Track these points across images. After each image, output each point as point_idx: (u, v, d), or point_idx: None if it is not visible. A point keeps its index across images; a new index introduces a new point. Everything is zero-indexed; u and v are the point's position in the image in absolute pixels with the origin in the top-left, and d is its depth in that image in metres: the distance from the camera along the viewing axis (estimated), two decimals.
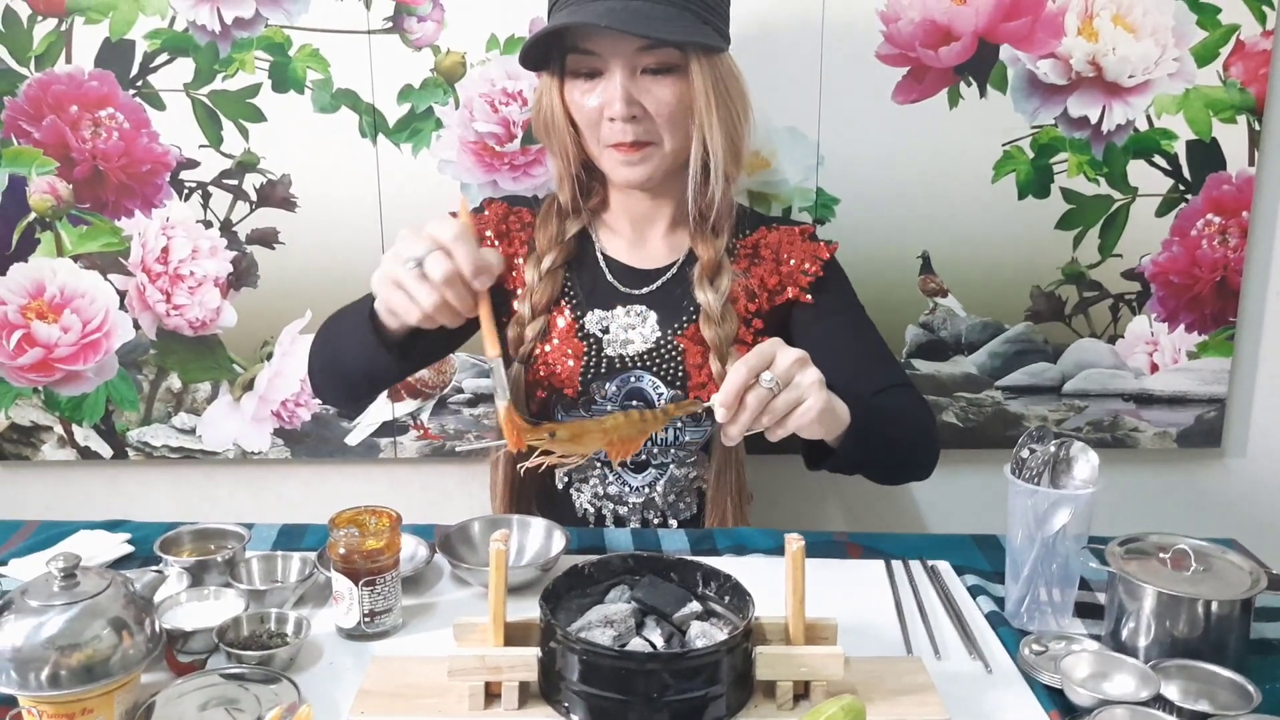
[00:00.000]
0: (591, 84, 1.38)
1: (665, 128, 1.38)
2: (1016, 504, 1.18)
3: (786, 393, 1.10)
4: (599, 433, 1.09)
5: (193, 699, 1.02)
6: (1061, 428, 1.95)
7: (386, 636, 1.14)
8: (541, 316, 1.46)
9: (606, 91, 1.36)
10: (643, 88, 1.36)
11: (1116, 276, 1.89)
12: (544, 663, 0.98)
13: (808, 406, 1.11)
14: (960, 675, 1.09)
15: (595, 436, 1.09)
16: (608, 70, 1.36)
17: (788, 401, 1.10)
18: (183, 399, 1.93)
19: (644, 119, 1.37)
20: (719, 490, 1.48)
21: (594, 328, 1.47)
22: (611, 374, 1.46)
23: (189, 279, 1.86)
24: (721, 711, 0.96)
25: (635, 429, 1.11)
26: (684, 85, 1.37)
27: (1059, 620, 1.20)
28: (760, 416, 1.09)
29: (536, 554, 1.29)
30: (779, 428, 1.12)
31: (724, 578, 1.06)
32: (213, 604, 1.14)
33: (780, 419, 1.11)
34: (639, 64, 1.35)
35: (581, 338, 1.46)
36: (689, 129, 1.40)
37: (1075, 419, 1.95)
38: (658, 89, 1.36)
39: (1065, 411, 1.95)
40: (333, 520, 1.14)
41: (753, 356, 1.08)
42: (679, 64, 1.36)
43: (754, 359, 1.08)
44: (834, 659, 0.98)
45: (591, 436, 1.09)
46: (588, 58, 1.37)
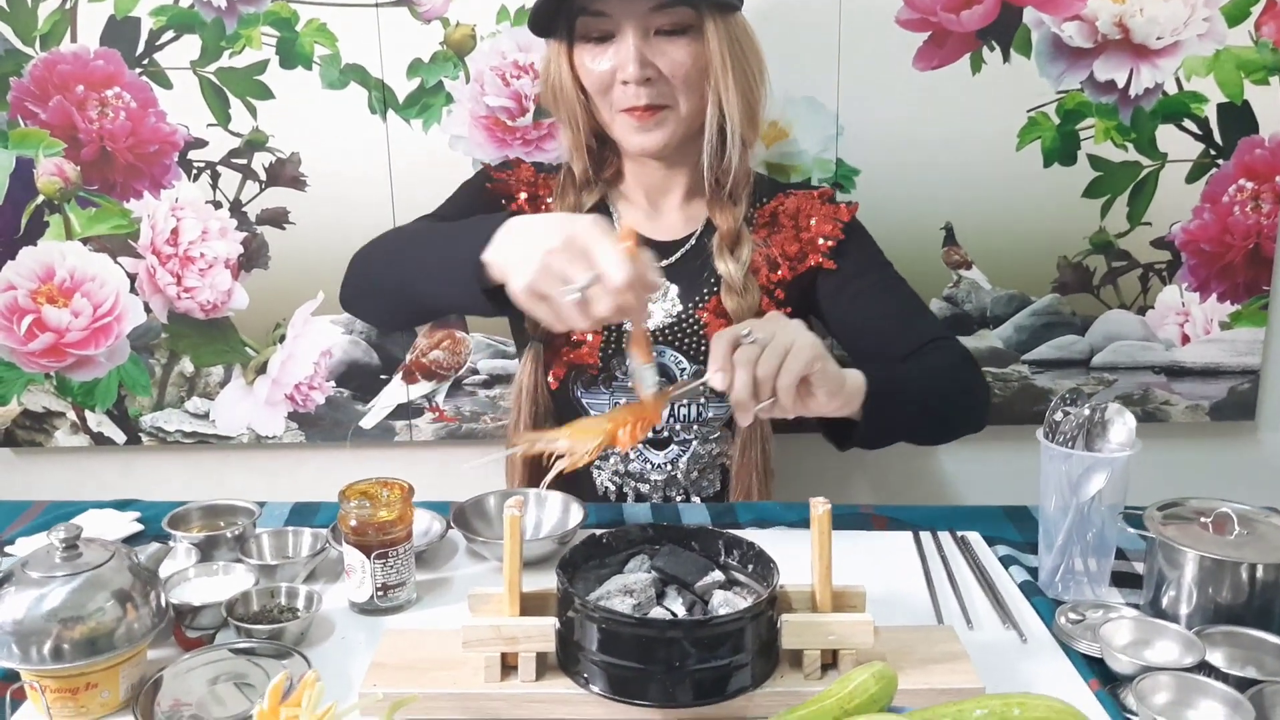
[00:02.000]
0: (602, 47, 1.34)
1: (680, 90, 1.34)
2: (1050, 469, 1.14)
3: (774, 343, 1.05)
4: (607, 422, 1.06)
5: (201, 674, 0.99)
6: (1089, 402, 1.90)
7: (400, 611, 1.11)
8: None
9: (619, 54, 1.32)
10: (657, 49, 1.32)
11: (1146, 245, 1.84)
12: (562, 633, 0.94)
13: (798, 348, 1.05)
14: (994, 645, 1.05)
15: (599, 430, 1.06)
16: (619, 32, 1.32)
17: (777, 350, 1.05)
18: (195, 383, 1.90)
19: (658, 81, 1.33)
20: (743, 466, 1.45)
21: None
22: None
23: (199, 261, 1.83)
24: (746, 681, 0.92)
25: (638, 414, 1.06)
26: (698, 46, 1.33)
27: (1095, 589, 1.15)
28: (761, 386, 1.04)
29: (554, 527, 1.26)
30: (798, 405, 1.07)
31: (747, 546, 1.03)
32: (222, 579, 1.11)
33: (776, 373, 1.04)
34: (652, 24, 1.32)
35: None
36: (704, 92, 1.36)
37: (1105, 393, 1.90)
38: (672, 50, 1.32)
39: (1094, 385, 1.90)
40: (343, 492, 1.10)
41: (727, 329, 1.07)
42: (693, 24, 1.32)
43: (728, 330, 1.07)
44: (863, 626, 0.94)
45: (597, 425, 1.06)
46: (598, 20, 1.33)
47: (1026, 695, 0.84)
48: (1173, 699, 0.92)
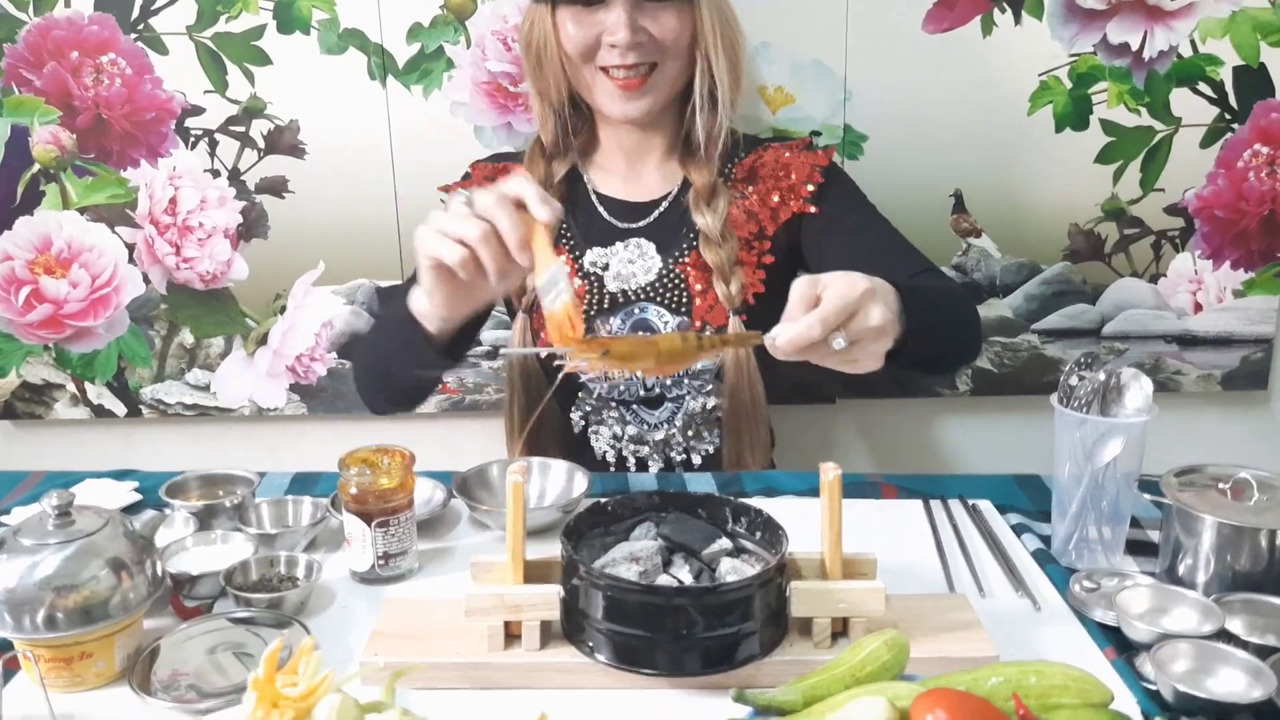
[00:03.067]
0: (589, 11, 1.33)
1: (670, 56, 1.35)
2: (1064, 435, 1.12)
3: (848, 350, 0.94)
4: (652, 355, 0.95)
5: (199, 643, 0.97)
6: None
7: (401, 580, 1.09)
8: None
9: (610, 19, 1.31)
10: (648, 14, 1.32)
11: (1158, 212, 1.81)
12: (566, 601, 0.92)
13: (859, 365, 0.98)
14: (1007, 613, 1.03)
15: (648, 358, 0.95)
16: None
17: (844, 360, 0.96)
18: (196, 355, 1.88)
19: (647, 46, 1.32)
20: (734, 418, 1.42)
21: (594, 266, 1.43)
22: (615, 308, 1.42)
23: (198, 230, 1.81)
24: (755, 650, 0.90)
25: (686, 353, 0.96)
26: (687, 12, 1.33)
27: (1109, 558, 1.13)
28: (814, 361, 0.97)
29: (558, 496, 1.24)
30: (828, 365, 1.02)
31: (755, 513, 1.00)
32: (220, 548, 1.10)
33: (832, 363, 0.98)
34: None
35: (582, 277, 1.42)
36: (689, 58, 1.37)
37: (1116, 362, 1.87)
38: (663, 16, 1.33)
39: (1105, 355, 1.87)
40: (344, 460, 1.08)
41: (834, 310, 0.92)
42: None
43: (834, 315, 0.91)
44: (874, 594, 0.92)
45: (644, 357, 0.95)
46: None
47: (1042, 663, 0.82)
48: (1192, 667, 0.90)
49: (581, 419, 1.47)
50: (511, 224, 0.97)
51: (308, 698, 0.69)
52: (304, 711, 0.69)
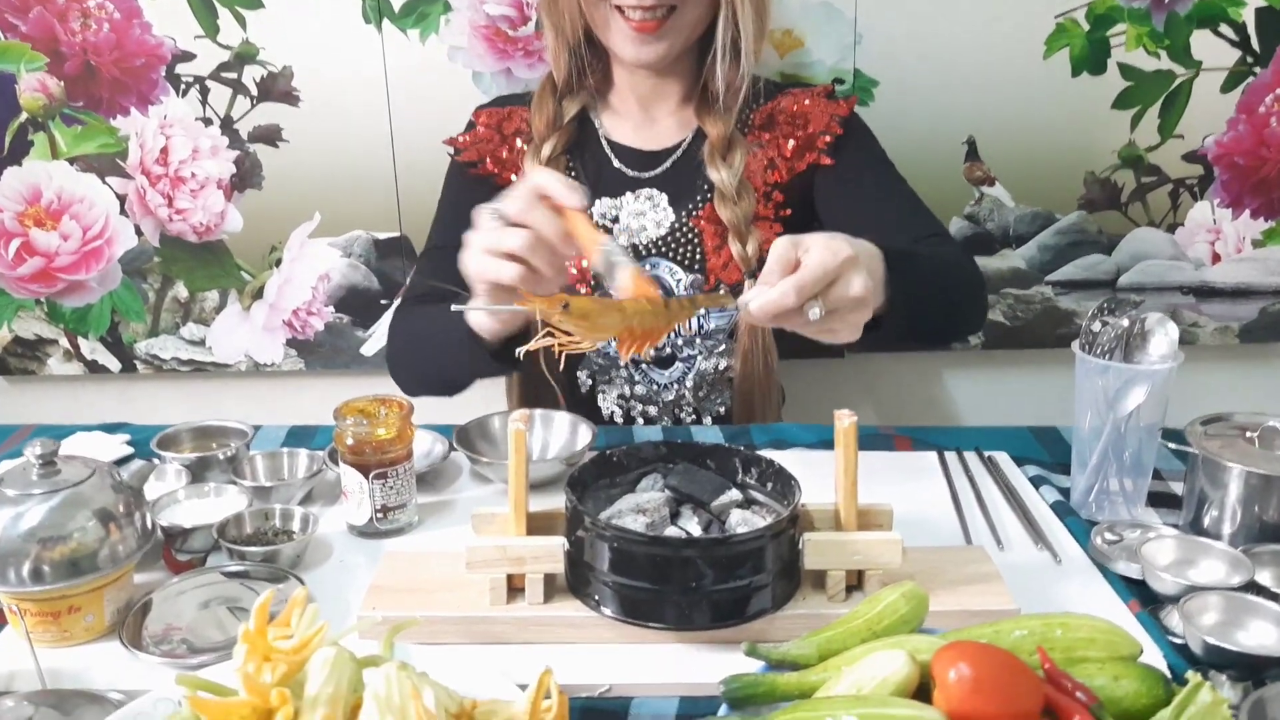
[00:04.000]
0: None
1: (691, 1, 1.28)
2: (1085, 384, 1.08)
3: (826, 319, 0.90)
4: (617, 313, 0.92)
5: (192, 597, 0.94)
6: None
7: (401, 534, 1.06)
8: None
9: None
10: None
11: (1177, 160, 1.76)
12: (571, 553, 0.89)
13: (837, 336, 0.95)
14: (1027, 566, 1.00)
15: (613, 317, 0.92)
16: None
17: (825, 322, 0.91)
18: (190, 309, 1.84)
19: None
20: (746, 380, 1.39)
21: (603, 218, 1.38)
22: None
23: (191, 181, 1.76)
24: (766, 603, 0.87)
25: (658, 317, 0.95)
26: None
27: (1131, 510, 1.10)
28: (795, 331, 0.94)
29: (561, 449, 1.20)
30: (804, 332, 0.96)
31: (766, 463, 0.97)
32: (213, 501, 1.06)
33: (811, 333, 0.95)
34: None
35: None
36: (713, 2, 1.30)
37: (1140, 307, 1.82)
38: None
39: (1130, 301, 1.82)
40: (339, 410, 1.05)
41: (811, 278, 0.87)
42: None
43: (810, 283, 0.87)
44: (891, 546, 0.89)
45: (609, 317, 0.92)
46: None
47: (1068, 615, 0.79)
48: (1221, 619, 0.87)
49: (589, 378, 1.43)
50: (549, 220, 0.96)
51: (301, 651, 0.66)
52: (297, 665, 0.66)
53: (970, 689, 0.69)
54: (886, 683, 0.71)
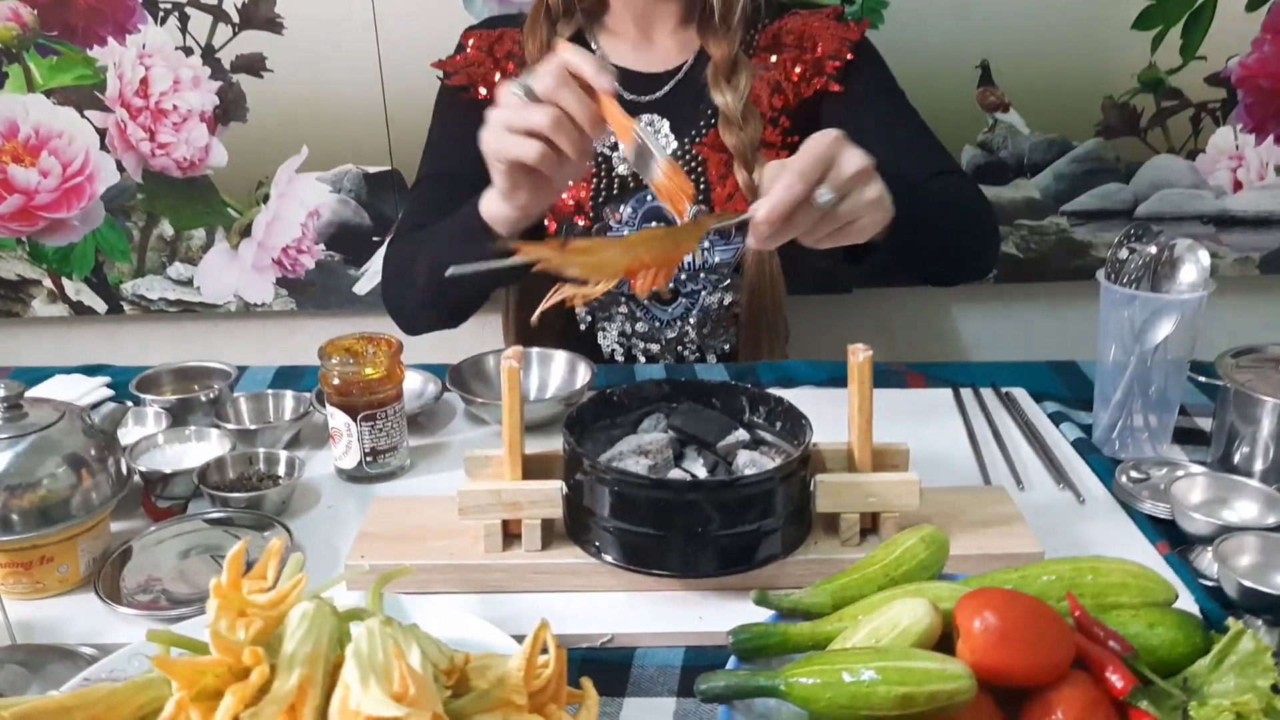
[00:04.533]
0: None
1: None
2: (1110, 315, 1.03)
3: (842, 207, 0.87)
4: (621, 246, 0.87)
5: (172, 546, 0.90)
6: None
7: (392, 478, 1.01)
8: None
9: None
10: None
11: (1199, 83, 1.69)
12: (569, 497, 0.84)
13: (860, 227, 0.90)
14: (1049, 506, 0.95)
15: (616, 251, 0.87)
16: None
17: (840, 218, 0.88)
18: (176, 247, 1.78)
19: None
20: (753, 315, 1.33)
21: (602, 145, 1.30)
22: (625, 195, 1.30)
23: (173, 114, 1.69)
24: (776, 549, 0.83)
25: (667, 245, 0.89)
26: None
27: (1156, 447, 1.05)
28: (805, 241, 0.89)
29: (559, 388, 1.15)
30: (824, 241, 0.91)
31: (774, 401, 0.92)
32: (195, 445, 1.02)
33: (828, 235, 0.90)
34: None
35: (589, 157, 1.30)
36: None
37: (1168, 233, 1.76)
38: None
39: None
40: (324, 348, 0.99)
41: (809, 162, 0.84)
42: None
43: (810, 167, 0.84)
44: (908, 487, 0.84)
45: (612, 250, 0.87)
46: None
47: (1098, 559, 0.74)
48: (1257, 561, 0.82)
49: (588, 314, 1.37)
50: (580, 101, 0.88)
51: (278, 605, 0.61)
52: (275, 620, 0.61)
53: (997, 639, 0.65)
54: (907, 633, 0.66)
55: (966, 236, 1.23)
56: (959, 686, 0.62)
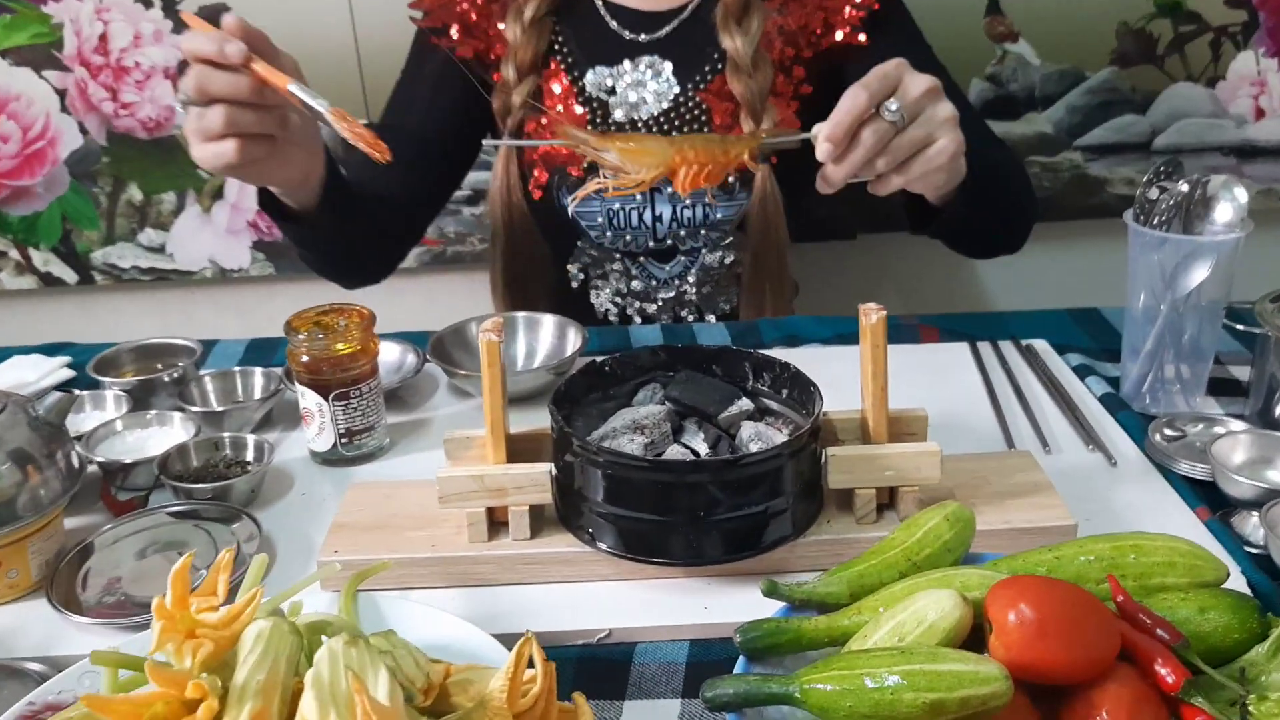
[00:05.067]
0: None
1: None
2: (1140, 259, 0.95)
3: (914, 129, 0.82)
4: (668, 143, 0.81)
5: (133, 543, 0.83)
6: None
7: (371, 459, 0.94)
8: (529, 78, 1.20)
9: None
10: None
11: (1219, 5, 1.60)
12: (560, 480, 0.77)
13: (939, 149, 0.84)
14: (1078, 471, 0.88)
15: (663, 147, 0.80)
16: None
17: (914, 140, 0.83)
18: (146, 213, 1.70)
19: None
20: (756, 276, 1.25)
21: (597, 89, 1.22)
22: None
23: (135, 71, 1.60)
24: (787, 530, 0.76)
25: (715, 150, 0.81)
26: None
27: (1189, 400, 0.98)
28: (876, 158, 0.82)
29: (547, 356, 1.08)
30: (897, 174, 0.84)
31: (780, 367, 0.84)
32: (157, 431, 0.95)
33: (901, 163, 0.83)
34: None
35: (583, 102, 1.21)
36: None
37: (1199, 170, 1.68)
38: None
39: None
40: (290, 323, 0.92)
41: (873, 79, 0.81)
42: None
43: (875, 82, 0.80)
44: (928, 458, 0.77)
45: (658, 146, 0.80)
46: None
47: (1140, 535, 0.67)
48: None
49: (580, 272, 1.29)
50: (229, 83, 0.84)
51: (230, 624, 0.55)
52: (226, 641, 0.55)
53: (1034, 634, 0.58)
54: (934, 629, 0.60)
55: (1017, 209, 1.17)
56: (994, 690, 0.56)
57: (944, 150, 0.84)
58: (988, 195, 1.01)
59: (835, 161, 0.81)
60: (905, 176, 0.85)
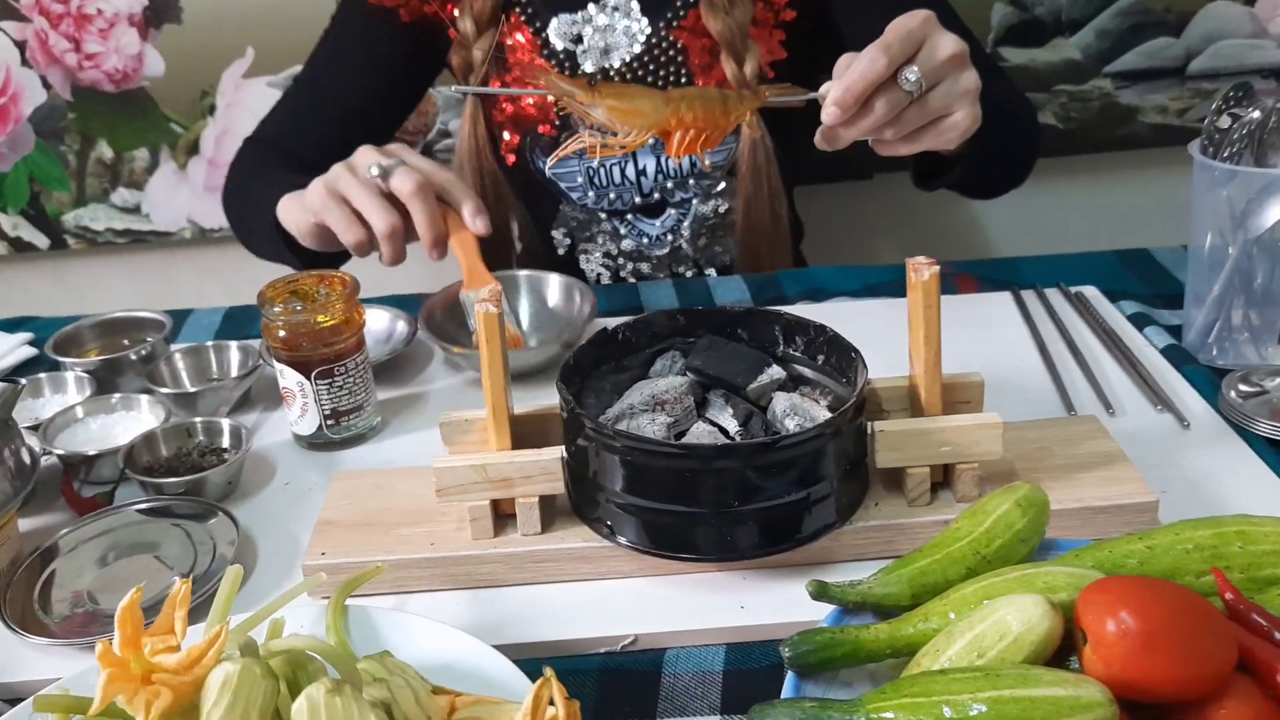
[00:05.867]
0: None
1: None
2: (1206, 195, 0.85)
3: (932, 99, 0.74)
4: (659, 97, 0.73)
5: (98, 547, 0.74)
6: (1185, 119, 1.59)
7: (360, 442, 0.85)
8: (489, 31, 1.10)
9: None
10: None
11: None
12: (572, 468, 0.68)
13: (954, 123, 0.76)
14: (1146, 435, 0.79)
15: (654, 100, 0.73)
16: None
17: (929, 112, 0.75)
18: (118, 171, 1.60)
19: None
20: (750, 227, 1.14)
21: (562, 39, 1.11)
22: None
23: (97, 19, 1.50)
24: (830, 517, 0.67)
25: (715, 109, 0.74)
26: None
27: (1260, 350, 0.89)
28: (885, 128, 0.74)
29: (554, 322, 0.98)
30: (903, 144, 0.77)
31: (815, 330, 0.75)
32: (123, 416, 0.85)
33: (911, 133, 0.76)
34: None
35: (548, 55, 1.10)
36: None
37: (1201, 107, 1.58)
38: None
39: (1190, 98, 1.58)
40: (264, 293, 0.83)
41: (895, 38, 0.72)
42: None
43: (897, 43, 0.72)
44: (988, 431, 0.68)
45: (649, 99, 0.73)
46: None
47: (1244, 519, 0.58)
48: None
49: (566, 237, 1.19)
50: (430, 222, 0.87)
51: (191, 668, 0.46)
52: (188, 689, 0.46)
53: (1140, 647, 0.49)
54: (1019, 643, 0.51)
55: (1026, 147, 1.08)
56: (1097, 717, 0.47)
57: (958, 125, 0.77)
58: (998, 140, 0.91)
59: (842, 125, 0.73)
60: (912, 146, 0.77)
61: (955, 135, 0.77)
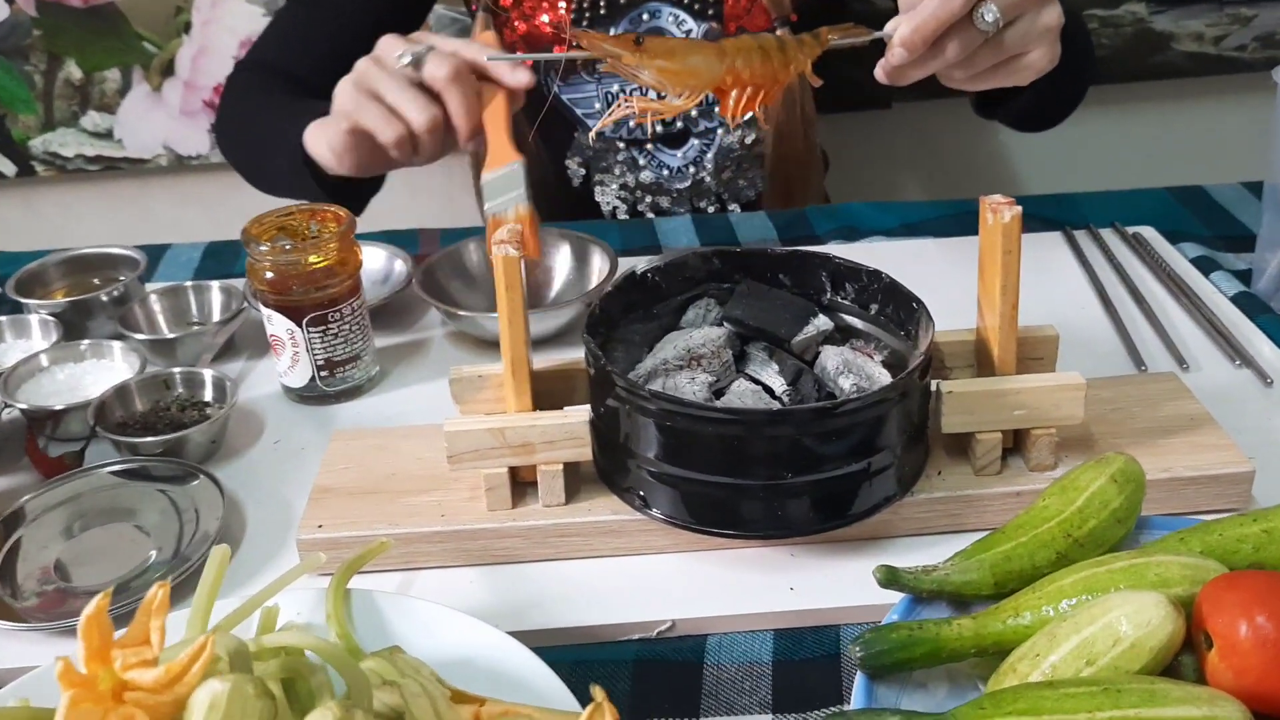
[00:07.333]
0: None
1: None
2: None
3: (1008, 37, 0.69)
4: (713, 53, 0.66)
5: (64, 514, 0.67)
6: (1221, 47, 1.50)
7: (357, 394, 0.77)
8: None
9: None
10: None
11: None
12: (600, 431, 0.61)
13: (1029, 63, 0.71)
14: (1226, 394, 0.72)
15: (707, 57, 0.66)
16: None
17: (1004, 50, 0.69)
18: (89, 93, 1.50)
19: None
20: (781, 155, 1.07)
21: None
22: (615, 14, 1.02)
23: None
24: (891, 488, 0.60)
25: (774, 60, 0.67)
26: None
27: None
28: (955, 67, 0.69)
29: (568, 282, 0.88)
30: (972, 84, 0.72)
31: (869, 275, 0.67)
32: (93, 365, 0.77)
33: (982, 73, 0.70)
34: None
35: None
36: None
37: (1239, 34, 1.49)
38: None
39: (1227, 25, 1.48)
40: (248, 229, 0.74)
41: None
42: None
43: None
44: (1069, 393, 0.60)
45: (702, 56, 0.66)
46: None
47: None
48: None
49: (580, 167, 1.10)
50: (467, 109, 0.75)
51: (171, 686, 0.39)
52: (168, 710, 0.39)
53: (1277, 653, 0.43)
54: (1137, 649, 0.45)
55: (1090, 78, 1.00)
56: None
57: (1034, 65, 0.71)
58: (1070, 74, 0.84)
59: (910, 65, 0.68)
60: (981, 85, 0.72)
61: (1029, 75, 0.71)
